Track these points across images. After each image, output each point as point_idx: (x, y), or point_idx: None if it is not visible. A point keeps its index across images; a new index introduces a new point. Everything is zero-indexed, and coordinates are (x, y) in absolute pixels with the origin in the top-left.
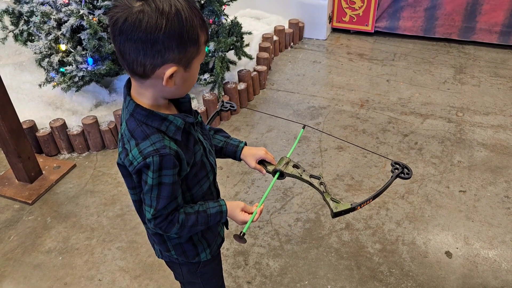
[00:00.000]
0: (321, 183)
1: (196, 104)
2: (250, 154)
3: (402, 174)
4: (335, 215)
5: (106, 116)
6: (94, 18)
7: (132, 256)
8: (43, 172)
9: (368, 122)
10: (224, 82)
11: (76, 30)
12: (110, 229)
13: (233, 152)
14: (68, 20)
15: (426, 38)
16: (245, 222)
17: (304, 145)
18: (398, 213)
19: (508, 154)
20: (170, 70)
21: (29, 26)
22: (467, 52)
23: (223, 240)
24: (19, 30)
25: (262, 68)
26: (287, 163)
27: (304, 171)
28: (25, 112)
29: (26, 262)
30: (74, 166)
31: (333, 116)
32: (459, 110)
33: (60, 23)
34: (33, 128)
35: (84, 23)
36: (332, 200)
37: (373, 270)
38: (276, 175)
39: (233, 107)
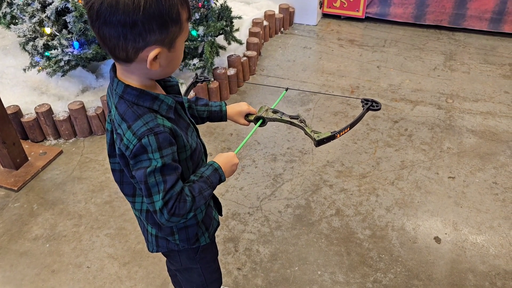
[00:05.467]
0: (301, 121)
1: (185, 89)
2: (235, 113)
3: (372, 107)
4: (318, 143)
5: (93, 102)
6: (80, 0)
7: (121, 243)
8: (29, 158)
9: (358, 108)
10: (213, 67)
11: (61, 12)
12: (98, 216)
13: (219, 117)
14: (53, 2)
15: (416, 25)
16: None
17: (294, 132)
18: (388, 199)
19: (497, 141)
20: (153, 53)
21: (12, 9)
22: (457, 39)
23: (218, 224)
24: (2, 12)
25: (252, 53)
26: (266, 110)
27: (283, 114)
28: (9, 97)
29: (12, 249)
30: (61, 152)
31: (323, 102)
32: (449, 97)
33: (44, 6)
34: (18, 113)
35: (69, 5)
36: (313, 132)
37: (363, 256)
38: (259, 122)
39: (207, 78)
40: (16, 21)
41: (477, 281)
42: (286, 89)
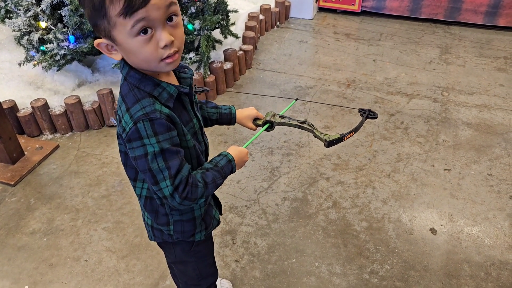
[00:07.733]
0: (309, 125)
1: None
2: (244, 116)
3: (370, 115)
4: (329, 144)
5: (89, 96)
6: None
7: (119, 237)
8: (25, 153)
9: (354, 102)
10: (210, 61)
11: (56, 6)
12: (95, 210)
13: (228, 119)
14: None
15: (412, 18)
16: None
17: None
18: (384, 192)
19: (492, 133)
20: (96, 42)
21: (6, 3)
22: (453, 33)
23: (218, 223)
24: None
25: (248, 47)
26: (273, 115)
27: (291, 119)
28: (5, 92)
29: (10, 244)
30: (57, 146)
31: (320, 96)
32: (444, 90)
33: None
34: (14, 108)
35: None
36: (323, 134)
37: (360, 248)
38: (266, 126)
39: (206, 89)
40: (11, 15)
41: (473, 272)
42: (296, 100)
